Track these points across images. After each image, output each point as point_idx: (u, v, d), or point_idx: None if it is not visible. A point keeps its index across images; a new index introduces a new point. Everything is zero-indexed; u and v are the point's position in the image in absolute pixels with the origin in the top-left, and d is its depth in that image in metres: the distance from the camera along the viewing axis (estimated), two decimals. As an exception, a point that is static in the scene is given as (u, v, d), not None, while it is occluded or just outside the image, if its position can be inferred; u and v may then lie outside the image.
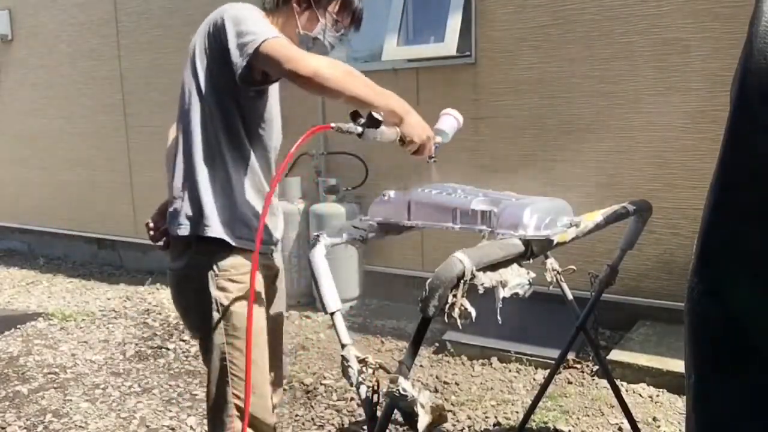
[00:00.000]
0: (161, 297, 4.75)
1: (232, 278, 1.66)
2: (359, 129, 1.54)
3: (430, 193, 1.69)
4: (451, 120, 1.82)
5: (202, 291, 1.66)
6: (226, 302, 1.65)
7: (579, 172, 3.61)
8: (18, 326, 4.18)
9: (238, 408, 1.68)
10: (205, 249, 1.66)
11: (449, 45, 3.86)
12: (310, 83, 1.49)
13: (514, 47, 3.74)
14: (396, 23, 4.08)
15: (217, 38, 1.59)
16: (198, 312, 1.69)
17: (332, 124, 1.53)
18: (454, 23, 3.86)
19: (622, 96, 3.44)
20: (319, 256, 1.51)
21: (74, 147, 5.84)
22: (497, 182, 1.86)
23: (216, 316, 1.66)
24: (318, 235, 1.55)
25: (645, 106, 3.39)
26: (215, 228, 1.64)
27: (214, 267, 1.65)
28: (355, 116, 1.56)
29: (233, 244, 1.66)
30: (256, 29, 1.53)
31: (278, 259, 1.89)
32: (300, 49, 1.56)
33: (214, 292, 1.65)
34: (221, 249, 1.65)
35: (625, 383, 2.99)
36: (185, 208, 1.67)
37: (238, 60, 1.54)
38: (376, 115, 1.53)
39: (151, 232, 1.82)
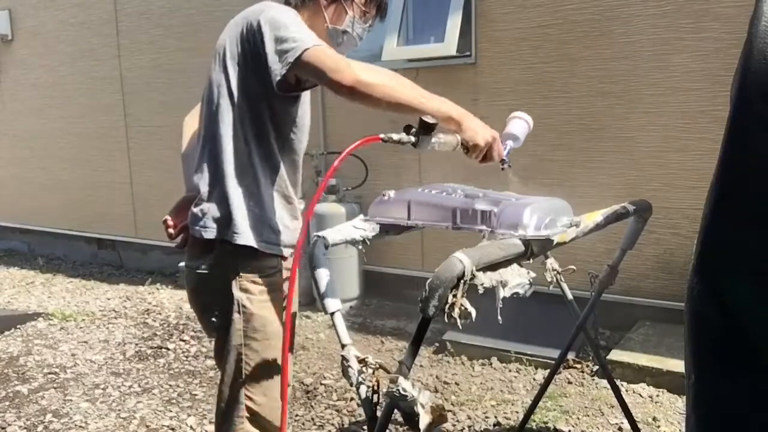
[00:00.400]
0: (161, 297, 4.75)
1: (255, 280, 1.65)
2: (412, 138, 1.45)
3: (430, 193, 1.69)
4: (521, 123, 1.72)
5: (223, 292, 1.64)
6: (248, 304, 1.64)
7: (579, 172, 3.60)
8: (18, 326, 4.18)
9: (248, 409, 1.68)
10: (231, 251, 1.63)
11: (449, 45, 3.86)
12: (354, 93, 1.46)
13: (514, 47, 3.74)
14: (396, 23, 4.08)
15: (252, 42, 1.56)
16: (217, 312, 1.68)
17: (382, 135, 1.43)
18: (454, 23, 3.86)
19: (622, 96, 3.44)
20: (319, 256, 1.51)
21: (74, 147, 5.84)
22: (497, 182, 1.86)
23: (237, 317, 1.64)
24: (318, 235, 1.55)
25: (645, 106, 3.39)
26: (245, 235, 1.62)
27: (239, 269, 1.63)
28: (408, 129, 1.47)
29: (259, 248, 1.64)
30: (296, 35, 1.50)
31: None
32: (342, 56, 1.51)
33: (237, 294, 1.64)
34: (247, 252, 1.63)
35: (625, 383, 2.99)
36: (212, 211, 1.64)
37: (276, 66, 1.50)
38: (427, 119, 1.44)
39: (170, 230, 1.77)
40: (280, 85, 1.53)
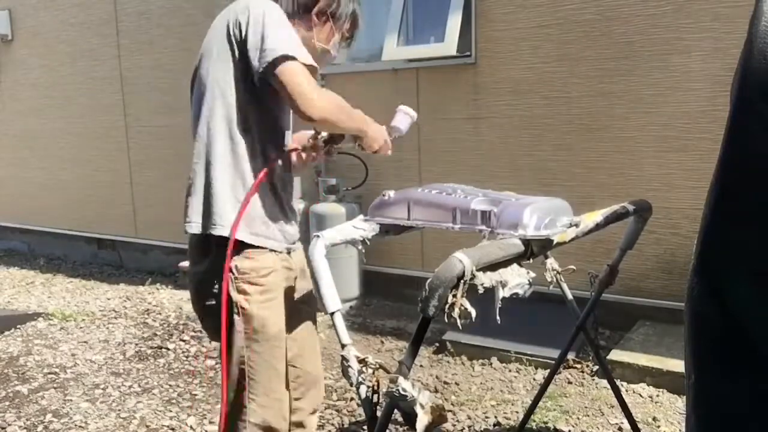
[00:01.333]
0: (161, 297, 4.75)
1: (252, 281, 1.64)
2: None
3: (430, 193, 1.69)
4: (405, 117, 1.96)
5: (221, 294, 1.64)
6: (246, 305, 1.64)
7: (579, 172, 3.60)
8: (18, 326, 4.18)
9: (252, 412, 1.67)
10: (224, 253, 1.63)
11: (449, 45, 3.86)
12: (313, 122, 1.61)
13: (514, 47, 3.74)
14: (396, 23, 4.08)
15: (238, 36, 1.59)
16: (218, 315, 1.66)
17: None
18: (454, 23, 3.86)
19: (622, 96, 3.44)
20: (319, 255, 1.51)
21: (74, 147, 5.84)
22: (497, 182, 1.86)
23: (236, 319, 1.64)
24: (318, 235, 1.55)
25: (645, 106, 3.39)
26: (228, 228, 1.62)
27: (233, 269, 1.63)
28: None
29: (250, 242, 1.64)
30: (277, 38, 1.55)
31: (300, 257, 1.87)
32: (310, 81, 1.56)
33: (234, 296, 1.63)
34: (241, 250, 1.64)
35: (625, 383, 3.00)
36: (196, 204, 1.66)
37: (256, 63, 1.56)
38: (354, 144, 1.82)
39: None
40: (261, 81, 1.58)
